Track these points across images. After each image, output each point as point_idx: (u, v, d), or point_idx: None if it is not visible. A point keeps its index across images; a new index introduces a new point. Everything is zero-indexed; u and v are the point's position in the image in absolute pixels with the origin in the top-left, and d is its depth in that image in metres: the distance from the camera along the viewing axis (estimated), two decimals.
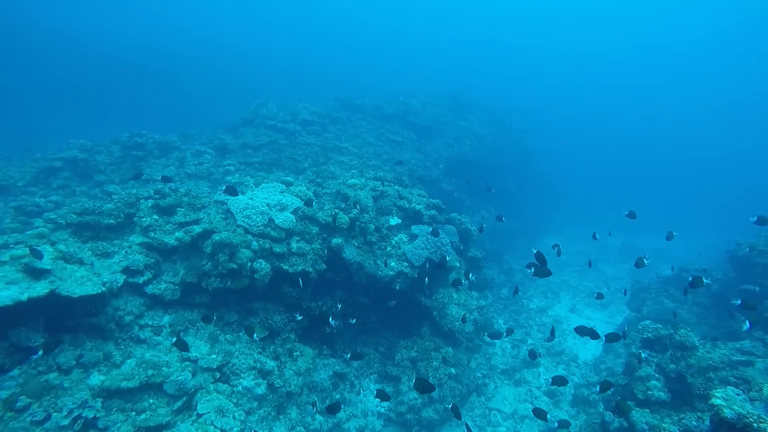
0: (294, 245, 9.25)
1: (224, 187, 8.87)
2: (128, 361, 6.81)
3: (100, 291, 6.62)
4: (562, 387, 14.10)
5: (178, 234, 8.13)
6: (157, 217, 8.51)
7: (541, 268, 7.03)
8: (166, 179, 9.18)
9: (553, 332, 9.23)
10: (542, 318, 18.98)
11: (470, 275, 9.39)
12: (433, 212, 12.21)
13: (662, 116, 70.02)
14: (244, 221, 8.78)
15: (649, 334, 8.69)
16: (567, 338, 17.35)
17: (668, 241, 8.93)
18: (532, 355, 9.12)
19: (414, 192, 12.95)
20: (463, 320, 9.89)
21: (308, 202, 9.65)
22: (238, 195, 9.06)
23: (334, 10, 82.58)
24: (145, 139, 16.19)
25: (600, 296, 9.08)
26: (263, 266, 8.52)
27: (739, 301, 7.41)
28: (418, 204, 12.06)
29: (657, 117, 69.89)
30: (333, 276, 10.42)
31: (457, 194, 22.17)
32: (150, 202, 8.75)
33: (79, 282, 6.64)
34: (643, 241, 32.14)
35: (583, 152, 53.30)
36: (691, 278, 7.24)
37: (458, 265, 11.69)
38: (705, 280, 7.31)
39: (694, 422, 7.29)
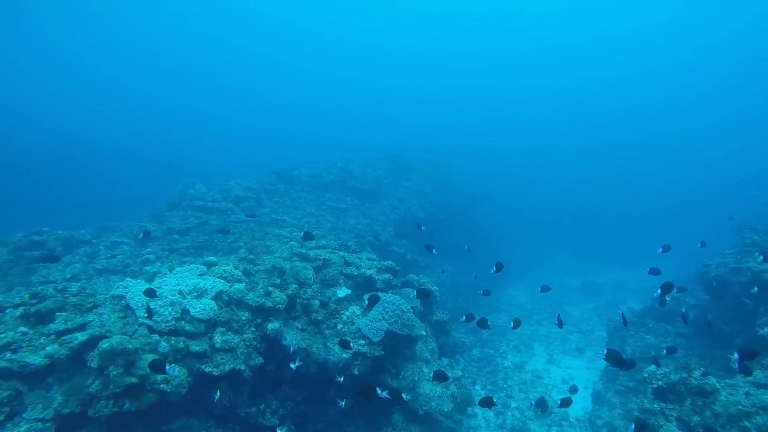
0: (218, 339, 7.35)
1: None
2: None
3: None
4: None
5: (51, 348, 6.06)
6: (25, 330, 6.41)
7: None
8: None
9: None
10: (521, 375, 17.37)
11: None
12: (387, 276, 10.71)
13: (597, 155, 73.86)
14: (146, 319, 6.86)
15: (660, 382, 7.34)
16: (552, 394, 15.76)
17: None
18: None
19: (362, 256, 11.48)
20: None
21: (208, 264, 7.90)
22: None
23: (260, 84, 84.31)
24: (45, 236, 13.90)
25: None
26: (177, 373, 6.54)
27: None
28: (369, 269, 10.54)
29: (591, 156, 73.58)
30: (275, 370, 8.46)
31: (410, 256, 20.95)
32: (19, 311, 6.67)
33: None
34: (600, 278, 31.97)
35: (526, 197, 54.53)
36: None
37: (424, 333, 10.08)
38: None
39: None
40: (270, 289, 8.53)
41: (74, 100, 71.55)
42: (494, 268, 8.45)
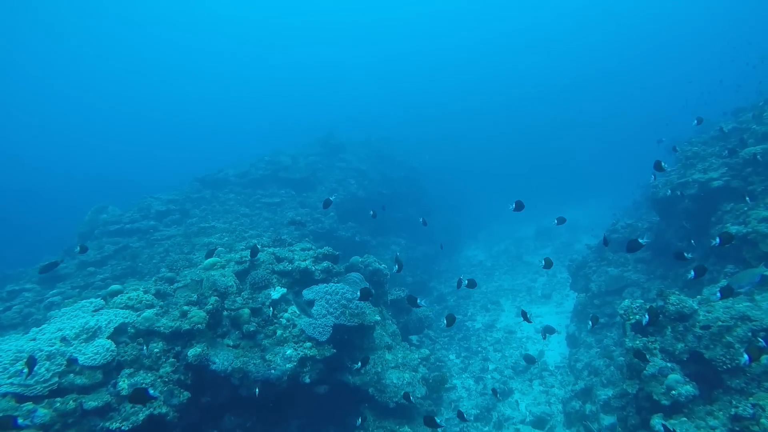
0: (124, 384, 5.91)
1: None
2: None
3: None
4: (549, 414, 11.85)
5: None
6: None
7: None
8: None
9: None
10: (493, 334, 16.86)
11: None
12: (325, 264, 9.48)
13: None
14: (12, 385, 5.31)
15: (638, 316, 6.65)
16: (528, 347, 15.35)
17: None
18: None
19: (296, 248, 10.16)
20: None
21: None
22: None
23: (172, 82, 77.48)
24: None
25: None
26: None
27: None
28: (304, 260, 9.27)
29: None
30: (211, 400, 7.12)
31: (359, 237, 19.80)
32: None
33: None
34: (551, 222, 32.16)
35: (467, 157, 54.15)
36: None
37: (379, 318, 9.00)
38: (641, 241, 6.34)
39: (750, 409, 5.26)
40: (186, 308, 7.11)
41: None
42: (513, 206, 8.18)
